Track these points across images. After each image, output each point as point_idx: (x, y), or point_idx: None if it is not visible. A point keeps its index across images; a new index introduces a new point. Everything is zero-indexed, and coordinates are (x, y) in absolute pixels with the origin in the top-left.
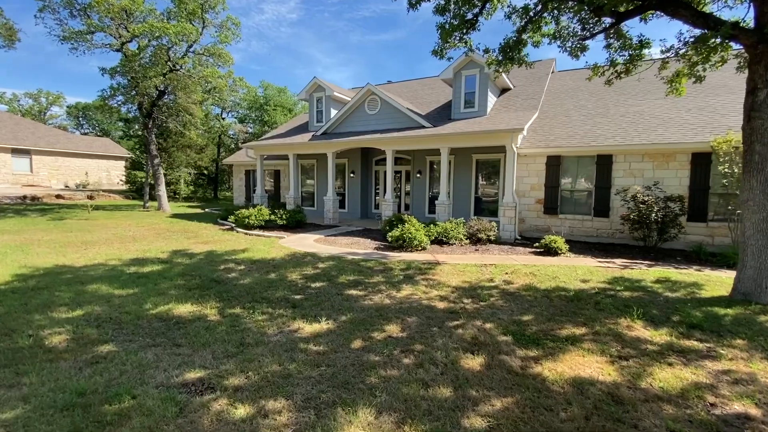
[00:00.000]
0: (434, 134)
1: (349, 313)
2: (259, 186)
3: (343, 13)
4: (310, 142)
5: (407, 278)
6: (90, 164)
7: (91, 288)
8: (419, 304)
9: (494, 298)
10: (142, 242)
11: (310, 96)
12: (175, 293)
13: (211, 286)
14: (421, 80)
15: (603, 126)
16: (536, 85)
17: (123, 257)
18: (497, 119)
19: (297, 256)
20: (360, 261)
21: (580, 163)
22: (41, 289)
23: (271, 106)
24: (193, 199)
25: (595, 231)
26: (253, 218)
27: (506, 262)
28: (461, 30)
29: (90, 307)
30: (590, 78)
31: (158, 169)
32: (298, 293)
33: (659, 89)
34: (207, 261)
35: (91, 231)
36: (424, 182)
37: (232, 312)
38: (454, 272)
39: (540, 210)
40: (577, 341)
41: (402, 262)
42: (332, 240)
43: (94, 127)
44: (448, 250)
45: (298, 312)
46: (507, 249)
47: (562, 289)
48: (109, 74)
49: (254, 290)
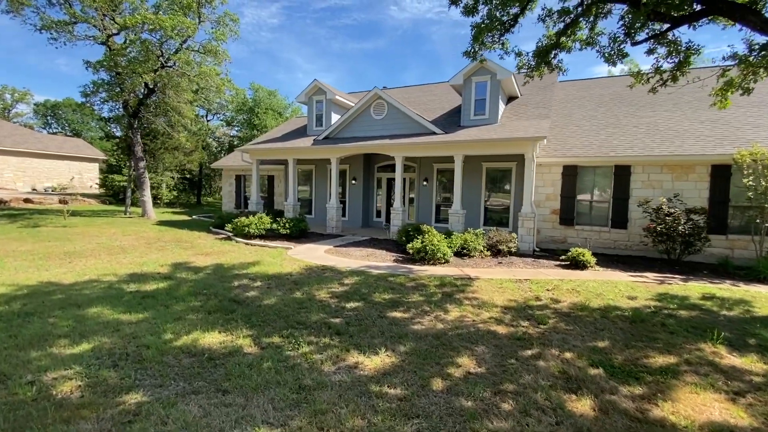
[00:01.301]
0: (448, 141)
1: (406, 341)
2: (255, 192)
3: (325, 20)
4: (314, 146)
5: (447, 296)
6: (60, 166)
7: (91, 312)
8: (477, 329)
9: (552, 320)
10: (133, 254)
11: (309, 99)
12: (194, 318)
13: (232, 308)
14: (421, 87)
15: (618, 136)
16: (543, 94)
17: (117, 272)
18: (511, 127)
19: (314, 270)
20: (387, 276)
21: (597, 174)
22: (31, 315)
23: (262, 109)
24: (175, 204)
25: (613, 243)
26: (253, 227)
27: (539, 277)
28: (498, 31)
29: (97, 339)
30: (632, 85)
31: (143, 173)
32: (335, 316)
33: (669, 101)
34: (217, 276)
35: (72, 240)
36: (431, 190)
37: (270, 342)
38: (493, 289)
39: (555, 221)
40: (676, 373)
41: (432, 277)
42: (344, 251)
43: (64, 127)
44: (471, 263)
45: (346, 340)
46: (531, 262)
47: (615, 307)
48: (93, 68)
49: (284, 313)
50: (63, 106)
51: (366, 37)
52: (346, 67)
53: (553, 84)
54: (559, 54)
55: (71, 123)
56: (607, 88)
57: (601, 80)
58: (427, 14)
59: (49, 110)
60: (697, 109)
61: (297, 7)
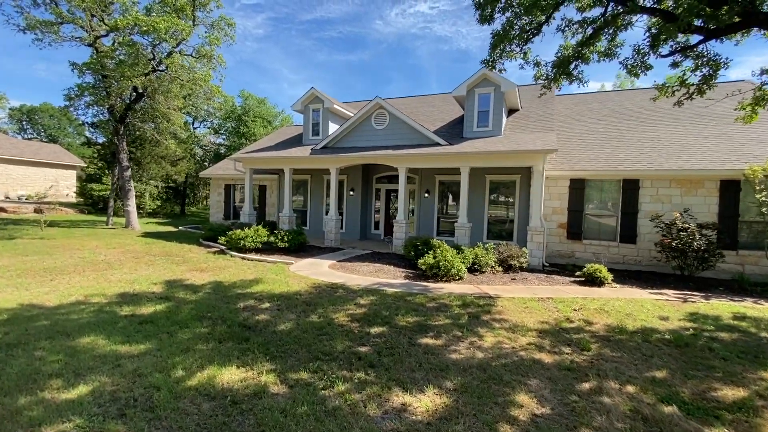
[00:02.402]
0: (456, 152)
1: (451, 375)
2: (248, 203)
3: (311, 32)
4: (313, 156)
5: (474, 318)
6: (36, 173)
7: (83, 343)
8: (520, 358)
9: (594, 345)
10: (121, 269)
11: (305, 107)
12: (204, 349)
13: (245, 335)
14: (419, 97)
15: (624, 150)
16: (544, 107)
17: (106, 292)
18: (518, 139)
19: (324, 288)
20: (404, 295)
21: (605, 187)
22: (14, 347)
23: (251, 117)
24: (159, 214)
25: (621, 257)
26: (249, 240)
27: (560, 295)
28: (518, 40)
29: (96, 379)
30: (656, 98)
31: (128, 182)
32: (361, 343)
33: (668, 115)
34: (218, 297)
35: (51, 254)
36: (432, 202)
37: (299, 378)
38: (519, 309)
39: (563, 235)
40: (754, 410)
41: (452, 296)
42: (349, 267)
43: (40, 133)
44: (485, 280)
45: (383, 375)
46: (544, 278)
47: (652, 330)
48: (78, 70)
49: (305, 341)
50: (39, 111)
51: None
52: (330, 78)
53: (552, 98)
54: (580, 65)
55: (47, 129)
56: (604, 102)
57: (597, 95)
58: (412, 29)
59: (25, 115)
60: (698, 124)
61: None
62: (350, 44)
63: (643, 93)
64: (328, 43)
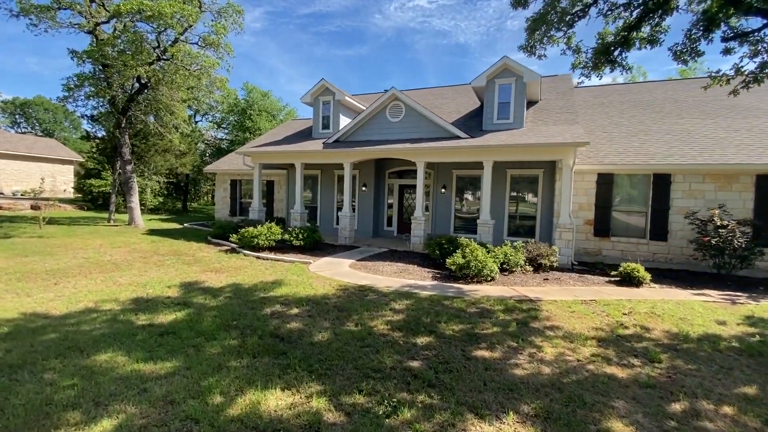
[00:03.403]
0: (478, 146)
1: (524, 396)
2: (257, 199)
3: (308, 26)
4: (326, 150)
5: (523, 326)
6: (31, 168)
7: (100, 361)
8: (591, 374)
9: (664, 356)
10: (129, 271)
11: (315, 100)
12: (238, 366)
13: (280, 347)
14: (430, 89)
15: (652, 143)
16: (565, 99)
17: (118, 297)
18: (543, 132)
19: (352, 291)
20: (440, 299)
21: (634, 182)
22: (19, 368)
23: (255, 110)
24: (161, 210)
25: (651, 255)
26: (263, 238)
27: (602, 297)
28: (561, 23)
29: (121, 409)
30: (708, 87)
31: (131, 177)
32: (411, 357)
33: (694, 108)
34: (241, 302)
35: (53, 254)
36: (449, 198)
37: (354, 403)
38: (566, 314)
39: (589, 232)
40: None
41: (490, 299)
42: (371, 266)
43: (35, 127)
44: (517, 280)
45: (448, 397)
46: (577, 278)
47: (715, 336)
48: (78, 59)
49: (348, 354)
50: (33, 104)
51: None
52: (328, 73)
53: (572, 89)
54: (624, 51)
55: (42, 122)
56: (624, 95)
57: (616, 87)
58: (410, 23)
59: (18, 108)
60: (727, 117)
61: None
62: (349, 39)
63: (663, 85)
64: (326, 37)
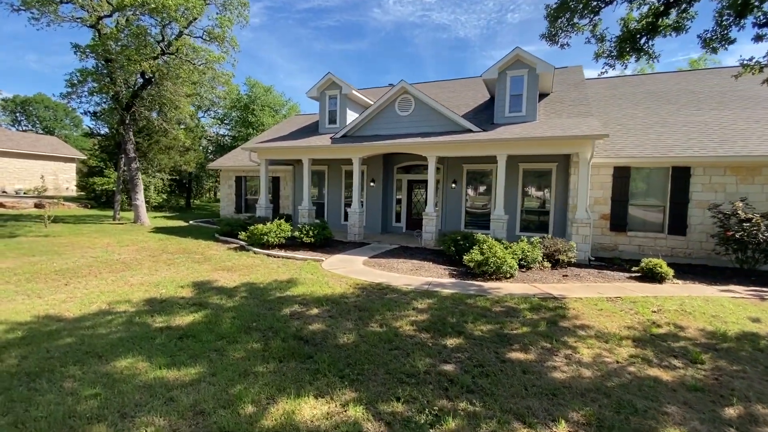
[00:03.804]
0: (492, 139)
1: (571, 403)
2: (264, 195)
3: (307, 21)
4: (334, 145)
5: (552, 325)
6: (34, 166)
7: (121, 367)
8: (634, 376)
9: (705, 356)
10: (140, 270)
11: (321, 94)
12: (265, 371)
13: (305, 351)
14: (438, 83)
15: (670, 136)
16: (577, 91)
17: (130, 297)
18: (558, 124)
19: (370, 290)
20: (462, 297)
21: (651, 176)
22: (37, 377)
23: (258, 106)
24: (164, 208)
25: (670, 250)
26: (272, 235)
27: (627, 294)
28: (586, 9)
29: (149, 421)
30: (739, 75)
31: (136, 174)
32: (443, 360)
33: (711, 98)
34: (257, 301)
35: (61, 254)
36: (460, 193)
37: (393, 411)
38: (594, 312)
39: (605, 226)
40: None
41: (513, 297)
42: (385, 263)
43: (35, 125)
44: (537, 277)
45: (491, 404)
46: (596, 273)
47: (753, 335)
48: (81, 53)
49: (378, 357)
50: (34, 102)
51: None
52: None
53: (583, 81)
54: (651, 39)
55: (43, 120)
56: (637, 86)
57: (628, 78)
58: (410, 17)
59: (19, 106)
60: (746, 108)
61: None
62: (348, 33)
63: (677, 76)
64: (325, 32)
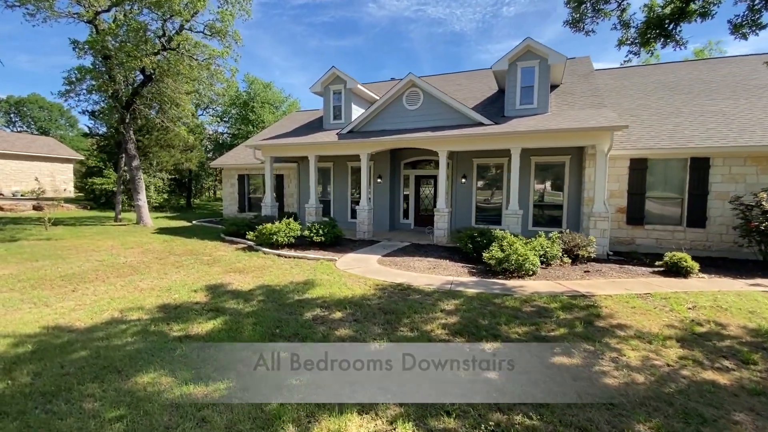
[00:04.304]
0: (506, 132)
1: (635, 414)
2: (269, 194)
3: (302, 17)
4: (341, 141)
5: (589, 325)
6: (30, 167)
7: (143, 383)
8: (690, 381)
9: (756, 356)
10: (149, 274)
11: (325, 89)
12: (298, 383)
13: None
14: (441, 76)
15: (687, 126)
16: (587, 82)
17: (142, 304)
18: (568, 116)
19: (392, 291)
20: (489, 297)
21: (669, 167)
22: (54, 397)
23: (258, 102)
24: (165, 208)
25: (689, 243)
26: (282, 235)
27: (656, 290)
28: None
29: None
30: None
31: (137, 174)
32: (484, 367)
33: (724, 88)
34: (277, 305)
35: (64, 258)
36: (470, 188)
37: (447, 428)
38: (627, 311)
39: (622, 220)
40: None
41: (540, 296)
42: (400, 262)
43: (30, 125)
44: (559, 273)
45: (547, 416)
46: (618, 269)
47: None
48: (79, 49)
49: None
50: (28, 102)
51: (343, 35)
52: (323, 65)
53: (592, 72)
54: (679, 24)
55: (38, 121)
56: (646, 76)
57: (636, 69)
58: (405, 12)
59: (13, 107)
60: (762, 97)
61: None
62: (343, 29)
63: (687, 66)
64: (320, 28)
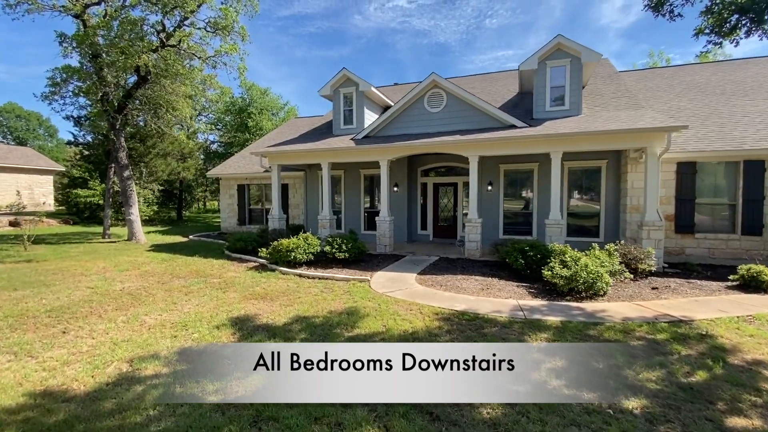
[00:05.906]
0: (545, 135)
1: None
2: (276, 205)
3: (288, 28)
4: (359, 147)
5: (725, 364)
6: (5, 180)
7: None
8: None
9: None
10: (153, 304)
11: (335, 92)
12: None
13: (431, 428)
14: (455, 79)
15: (733, 127)
16: (614, 83)
17: (156, 349)
18: (609, 118)
19: (456, 321)
20: (578, 327)
21: (719, 171)
22: None
23: (256, 109)
24: (155, 221)
25: (744, 252)
26: (300, 252)
27: (754, 311)
28: None
29: None
30: None
31: (129, 185)
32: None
33: (758, 87)
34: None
35: (49, 284)
36: (497, 196)
37: None
38: (749, 341)
39: (669, 228)
40: None
41: (635, 323)
42: (442, 281)
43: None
44: (628, 291)
45: None
46: (686, 283)
47: None
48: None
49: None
50: (4, 111)
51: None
52: (309, 74)
53: (616, 73)
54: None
55: (14, 131)
56: (669, 78)
57: (657, 71)
58: (391, 23)
59: None
60: None
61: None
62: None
63: (711, 67)
64: (306, 39)
